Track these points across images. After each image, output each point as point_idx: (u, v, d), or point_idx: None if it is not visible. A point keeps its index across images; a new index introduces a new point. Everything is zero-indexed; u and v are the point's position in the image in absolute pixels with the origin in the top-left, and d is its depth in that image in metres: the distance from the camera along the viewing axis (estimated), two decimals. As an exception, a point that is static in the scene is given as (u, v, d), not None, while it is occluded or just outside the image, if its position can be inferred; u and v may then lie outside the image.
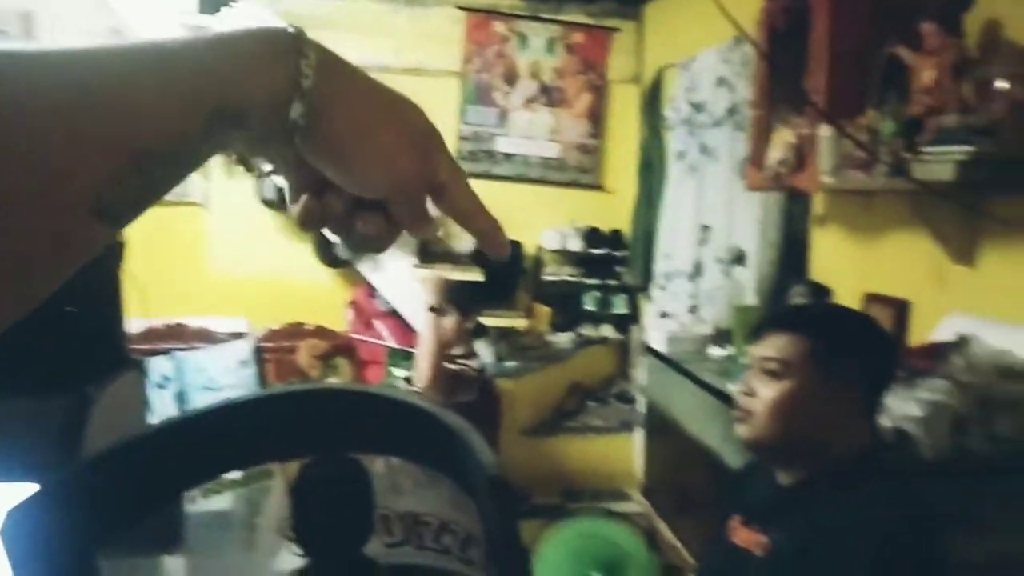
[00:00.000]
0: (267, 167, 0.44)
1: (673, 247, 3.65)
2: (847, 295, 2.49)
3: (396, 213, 0.44)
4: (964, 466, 1.59)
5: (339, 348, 3.92)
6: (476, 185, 0.46)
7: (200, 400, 3.35)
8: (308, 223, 0.44)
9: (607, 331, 4.31)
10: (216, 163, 3.87)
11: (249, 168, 3.85)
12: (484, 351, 3.43)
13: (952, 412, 1.56)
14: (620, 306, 4.30)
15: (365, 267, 3.96)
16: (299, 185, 0.44)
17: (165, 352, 3.47)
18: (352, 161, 0.41)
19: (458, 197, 0.45)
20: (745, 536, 1.30)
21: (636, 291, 4.20)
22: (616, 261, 4.27)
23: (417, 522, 0.86)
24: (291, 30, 0.39)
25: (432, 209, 0.45)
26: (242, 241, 4.08)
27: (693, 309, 3.43)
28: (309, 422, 0.61)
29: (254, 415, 0.59)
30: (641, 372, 3.51)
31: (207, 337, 3.77)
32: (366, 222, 0.44)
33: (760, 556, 1.23)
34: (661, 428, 2.94)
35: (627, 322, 4.27)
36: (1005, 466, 1.63)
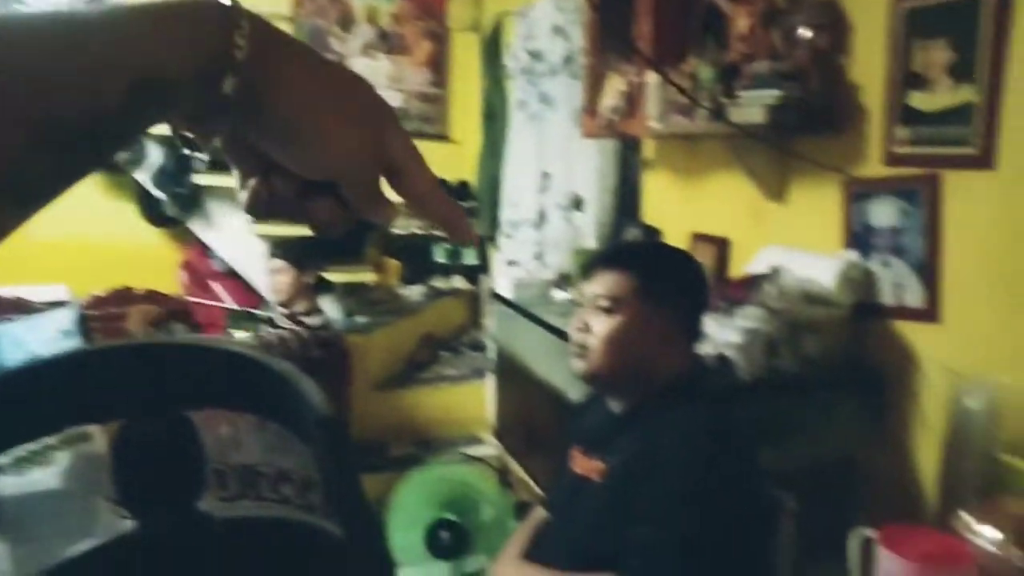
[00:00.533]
0: (210, 148, 0.40)
1: (518, 196, 3.71)
2: (676, 235, 2.64)
3: (348, 196, 0.42)
4: (776, 384, 1.75)
5: (173, 313, 3.69)
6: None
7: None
8: (256, 209, 0.42)
9: (458, 282, 4.34)
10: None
11: (195, 149, 3.54)
12: (331, 307, 3.37)
13: (765, 336, 1.71)
14: (470, 257, 4.34)
15: (197, 225, 3.74)
16: (245, 168, 0.42)
17: (-26, 326, 3.14)
18: (295, 140, 0.39)
19: (415, 180, 0.43)
20: (584, 464, 1.37)
21: (485, 241, 4.25)
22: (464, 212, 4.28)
23: (253, 473, 0.85)
24: None
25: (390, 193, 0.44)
26: (59, 201, 3.72)
27: (538, 256, 3.52)
28: (127, 378, 0.58)
29: (65, 374, 0.55)
30: (491, 320, 3.58)
31: (23, 307, 3.44)
32: (317, 206, 0.42)
33: (598, 481, 1.31)
34: (510, 372, 3.03)
35: (477, 272, 4.32)
36: (810, 383, 1.81)
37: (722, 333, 1.71)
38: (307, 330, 2.66)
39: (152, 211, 3.77)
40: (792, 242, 2.12)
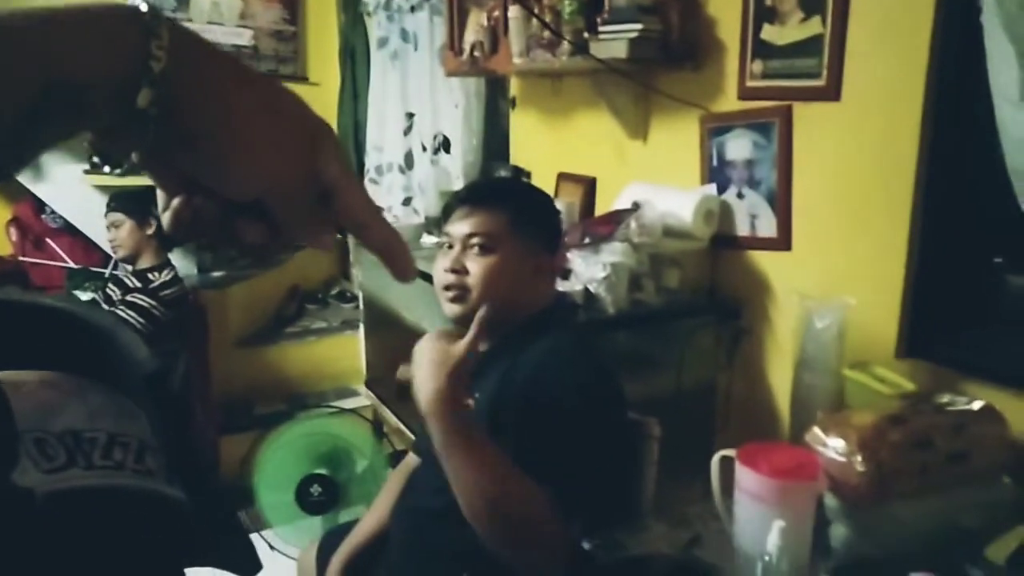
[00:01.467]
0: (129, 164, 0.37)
1: (383, 139, 3.58)
2: (544, 175, 2.63)
3: (277, 218, 0.39)
4: (639, 316, 1.79)
5: (4, 275, 3.36)
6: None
7: None
8: (179, 231, 0.39)
9: (323, 232, 4.19)
10: None
11: (113, 164, 3.12)
12: (183, 262, 3.16)
13: (629, 270, 1.73)
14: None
15: (27, 177, 3.38)
16: (168, 187, 0.39)
17: None
18: (217, 158, 0.36)
19: (351, 205, 0.40)
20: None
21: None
22: (325, 157, 4.10)
23: (80, 440, 0.76)
24: (143, 7, 0.34)
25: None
26: None
27: (407, 201, 3.43)
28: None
29: None
30: (360, 269, 3.47)
31: None
32: (245, 230, 0.39)
33: (466, 419, 1.30)
34: (381, 321, 2.96)
35: (343, 221, 4.18)
36: (672, 313, 1.86)
37: (588, 269, 1.72)
38: (148, 298, 2.47)
39: (-31, 162, 3.37)
40: (655, 178, 2.15)
